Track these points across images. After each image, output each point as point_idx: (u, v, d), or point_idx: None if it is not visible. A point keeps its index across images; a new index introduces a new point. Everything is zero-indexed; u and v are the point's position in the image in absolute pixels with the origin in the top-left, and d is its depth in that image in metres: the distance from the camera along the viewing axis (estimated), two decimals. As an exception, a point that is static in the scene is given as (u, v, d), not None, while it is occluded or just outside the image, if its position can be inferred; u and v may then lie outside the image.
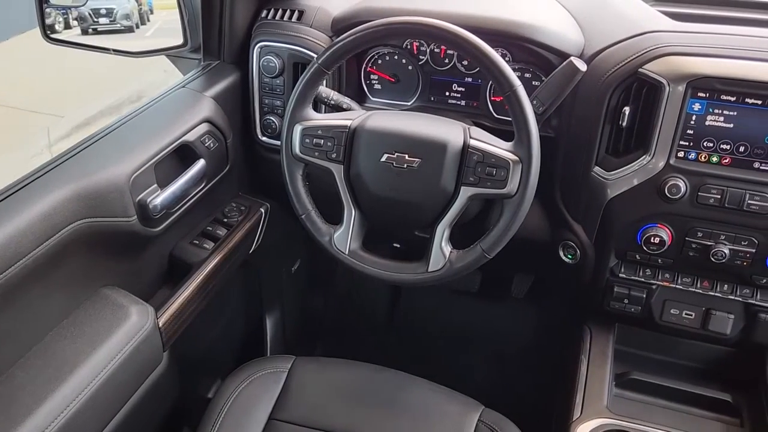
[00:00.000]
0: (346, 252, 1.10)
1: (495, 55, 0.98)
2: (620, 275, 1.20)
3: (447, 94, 1.31)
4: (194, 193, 1.21)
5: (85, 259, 1.03)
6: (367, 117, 1.08)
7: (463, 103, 1.31)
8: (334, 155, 1.07)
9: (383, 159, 1.04)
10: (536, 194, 1.27)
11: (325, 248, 1.11)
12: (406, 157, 1.04)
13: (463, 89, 1.30)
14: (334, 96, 1.19)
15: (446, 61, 1.28)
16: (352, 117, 1.09)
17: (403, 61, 1.31)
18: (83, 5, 1.32)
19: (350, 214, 1.09)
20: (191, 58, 1.40)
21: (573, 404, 1.12)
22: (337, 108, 1.20)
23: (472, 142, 1.02)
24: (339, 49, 1.04)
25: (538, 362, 1.70)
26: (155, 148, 1.10)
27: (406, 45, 1.30)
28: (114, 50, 1.36)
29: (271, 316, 1.64)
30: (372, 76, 1.34)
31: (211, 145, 1.23)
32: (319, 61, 1.05)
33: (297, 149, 1.08)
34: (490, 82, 1.24)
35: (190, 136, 1.18)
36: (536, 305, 1.83)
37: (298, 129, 1.08)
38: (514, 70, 1.22)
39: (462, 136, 1.03)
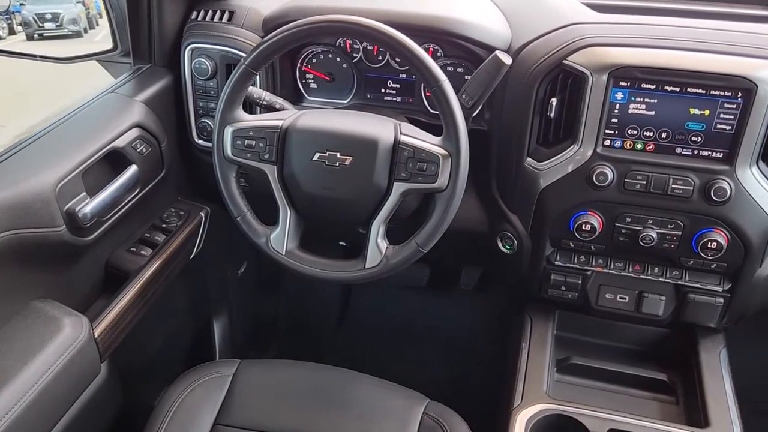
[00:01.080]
0: (283, 252, 1.10)
1: (420, 51, 0.99)
2: (556, 263, 1.22)
3: (383, 90, 1.32)
4: (128, 199, 1.19)
5: (13, 272, 1.01)
6: (298, 116, 1.08)
7: (398, 99, 1.32)
8: (266, 156, 1.07)
9: (315, 158, 1.04)
10: (473, 186, 1.30)
11: (262, 250, 1.11)
12: (338, 155, 1.04)
13: (398, 86, 1.31)
14: (267, 96, 1.19)
15: (380, 58, 1.29)
16: (284, 117, 1.09)
17: (338, 59, 1.31)
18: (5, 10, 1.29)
19: (286, 215, 1.09)
20: (123, 63, 1.37)
21: (514, 392, 1.14)
22: (270, 108, 1.19)
23: (403, 138, 1.03)
24: (265, 50, 1.03)
25: (486, 353, 1.72)
26: (82, 156, 1.08)
27: (339, 43, 1.30)
28: (41, 57, 1.33)
29: (218, 320, 1.63)
30: (307, 76, 1.34)
31: (144, 150, 1.21)
32: (246, 62, 1.04)
33: (229, 151, 1.08)
34: None
35: (120, 142, 1.16)
36: (485, 297, 1.86)
37: (228, 131, 1.07)
38: (447, 65, 1.26)
39: (393, 133, 1.04)
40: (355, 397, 1.18)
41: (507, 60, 1.05)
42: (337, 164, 1.04)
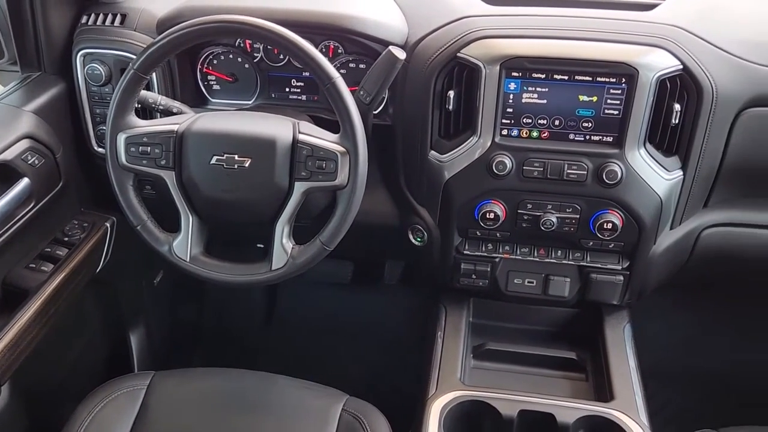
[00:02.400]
0: (187, 259, 1.07)
1: (311, 49, 0.99)
2: (465, 252, 1.25)
3: (287, 90, 1.31)
4: (22, 214, 1.14)
5: None
6: (194, 120, 1.06)
7: (303, 97, 1.31)
8: (163, 162, 1.04)
9: (213, 161, 1.03)
10: (383, 181, 1.31)
11: (165, 257, 1.08)
12: (236, 157, 1.02)
13: (302, 84, 1.30)
14: (163, 101, 1.16)
15: (281, 57, 1.28)
16: (180, 121, 1.06)
17: (239, 59, 1.29)
18: None
19: (187, 220, 1.07)
20: (12, 71, 1.31)
21: (429, 382, 1.16)
22: (168, 112, 1.16)
23: (301, 137, 1.03)
24: (153, 53, 1.01)
25: (410, 345, 1.74)
26: None
27: (239, 43, 1.28)
28: None
29: (135, 332, 1.58)
30: (209, 77, 1.31)
31: (36, 162, 1.16)
32: (135, 66, 1.01)
33: (123, 159, 1.04)
34: None
35: (9, 155, 1.10)
36: (409, 290, 1.88)
37: (121, 138, 1.04)
38: (349, 61, 1.26)
39: (291, 132, 1.03)
40: (272, 400, 1.17)
41: (401, 55, 1.05)
42: (236, 166, 1.02)
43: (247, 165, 1.02)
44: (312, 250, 1.05)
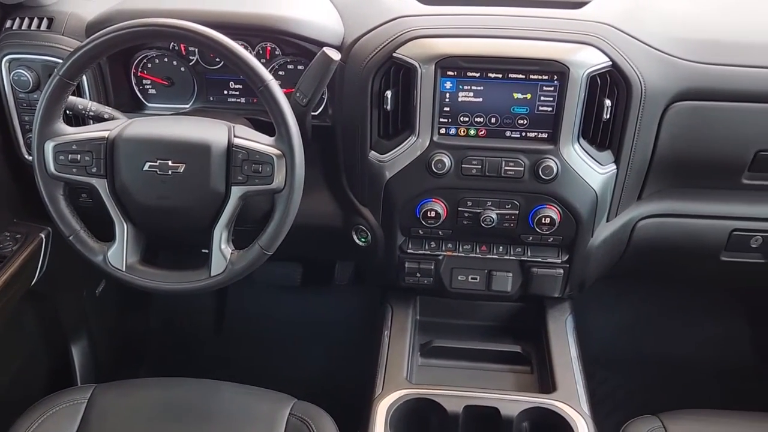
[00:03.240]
0: (123, 268, 1.05)
1: (242, 51, 0.98)
2: (409, 251, 1.25)
3: (225, 92, 1.29)
4: None
5: None
6: (125, 125, 1.03)
7: (243, 100, 1.29)
8: (94, 170, 1.02)
9: (146, 168, 1.00)
10: (325, 182, 1.31)
11: (100, 268, 1.06)
12: (170, 162, 1.00)
13: (240, 86, 1.28)
14: (93, 106, 1.13)
15: (217, 60, 1.26)
16: (111, 127, 1.04)
17: (174, 62, 1.27)
18: None
19: (122, 229, 1.04)
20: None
21: (375, 382, 1.16)
22: (99, 119, 1.13)
23: (236, 141, 1.01)
24: (79, 59, 0.98)
25: (361, 346, 1.75)
26: None
27: (174, 46, 1.26)
28: None
29: (77, 344, 1.54)
30: (144, 81, 1.28)
31: None
32: (60, 72, 0.98)
33: (52, 168, 1.01)
34: None
35: None
36: (361, 290, 1.88)
37: (49, 146, 1.01)
38: (287, 63, 1.25)
39: (226, 136, 1.02)
40: (218, 408, 1.15)
41: (335, 56, 1.05)
42: (170, 172, 1.00)
43: (181, 170, 1.00)
44: (251, 255, 1.04)
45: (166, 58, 1.26)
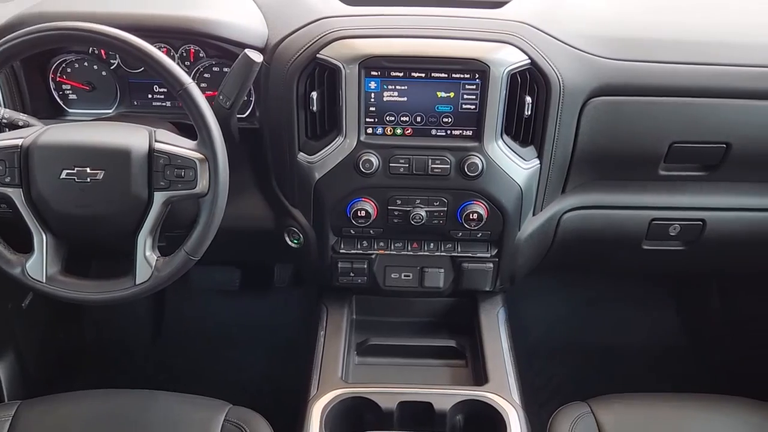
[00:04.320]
0: (43, 280, 1.02)
1: (158, 54, 0.96)
2: (341, 251, 1.26)
3: (150, 96, 1.27)
4: None
5: None
6: (41, 132, 1.00)
7: (168, 104, 1.27)
8: (8, 179, 0.98)
9: (63, 176, 0.98)
10: (256, 185, 1.30)
11: (18, 280, 1.02)
12: (88, 170, 0.98)
13: (165, 90, 1.26)
14: (6, 113, 1.09)
15: (138, 63, 1.23)
16: (25, 134, 1.00)
17: (95, 66, 1.24)
18: None
19: (41, 239, 1.01)
20: None
21: (310, 383, 1.16)
22: (13, 126, 1.09)
23: (157, 146, 0.99)
24: None
25: (301, 347, 1.74)
26: None
27: (93, 50, 1.22)
28: None
29: (3, 360, 1.48)
30: (64, 87, 1.25)
31: None
32: None
33: None
34: None
35: None
36: (300, 291, 1.87)
37: None
38: (211, 65, 1.23)
39: (146, 141, 1.00)
40: (150, 419, 1.13)
41: (257, 58, 1.05)
42: (89, 180, 0.98)
43: (100, 177, 0.98)
44: (177, 262, 1.02)
45: (86, 62, 1.23)
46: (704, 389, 1.32)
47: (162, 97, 1.27)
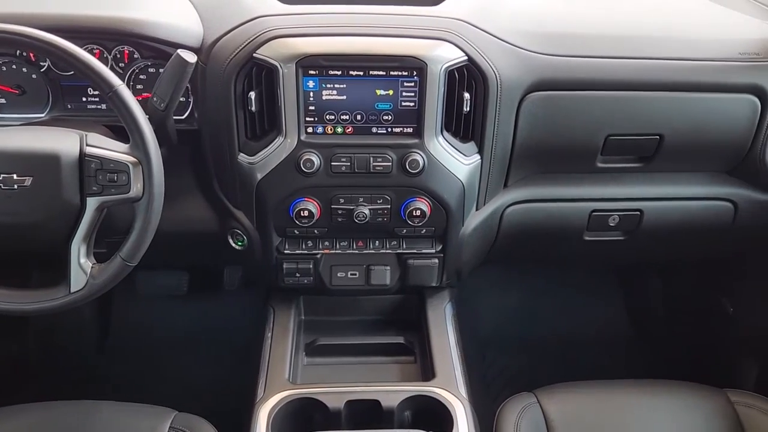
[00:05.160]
0: None
1: (86, 56, 0.94)
2: (286, 252, 1.25)
3: (84, 99, 1.23)
4: None
5: None
6: None
7: (103, 107, 1.24)
8: None
9: None
10: (198, 187, 1.28)
11: None
12: (15, 176, 0.95)
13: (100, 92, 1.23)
14: None
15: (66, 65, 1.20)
16: (-53, 141, 0.97)
17: (24, 69, 1.19)
18: None
19: None
20: None
21: (257, 385, 1.15)
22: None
23: (88, 150, 0.97)
24: None
25: (250, 351, 1.73)
26: None
27: (21, 52, 1.18)
28: None
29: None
30: None
31: None
32: None
33: None
34: None
35: None
36: (251, 293, 1.85)
37: None
38: (147, 66, 1.20)
39: (77, 145, 0.97)
40: (95, 429, 1.10)
41: (190, 58, 1.03)
42: (16, 187, 0.95)
43: (28, 184, 0.95)
44: (113, 268, 1.00)
45: (14, 64, 1.19)
46: (652, 375, 1.36)
47: (97, 100, 1.23)
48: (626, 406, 1.23)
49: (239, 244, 1.26)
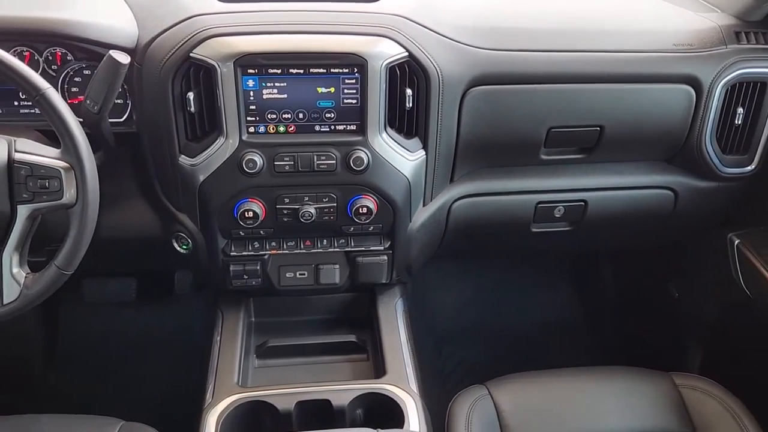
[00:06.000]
0: None
1: (10, 59, 0.90)
2: (232, 254, 1.23)
3: (16, 103, 1.19)
4: None
5: None
6: None
7: (37, 110, 1.19)
8: None
9: None
10: (139, 191, 1.25)
11: None
12: None
13: None
14: None
15: None
16: None
17: None
18: None
19: None
20: None
21: (206, 390, 1.13)
22: None
23: (18, 156, 0.94)
24: None
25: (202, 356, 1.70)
26: None
27: None
28: None
29: None
30: None
31: None
32: None
33: None
34: None
35: None
36: (202, 297, 1.82)
37: None
38: (81, 69, 1.17)
39: (5, 151, 0.94)
40: None
41: (123, 59, 1.00)
42: None
43: None
44: (48, 277, 0.97)
45: None
46: (605, 362, 1.39)
47: (30, 104, 1.19)
48: (575, 393, 1.26)
49: (184, 247, 1.24)
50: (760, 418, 1.23)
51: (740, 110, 1.29)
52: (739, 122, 1.30)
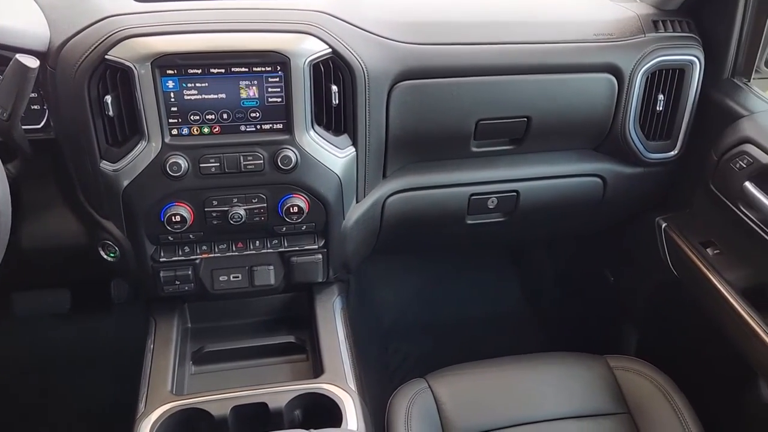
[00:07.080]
0: None
1: None
2: (162, 260, 1.20)
3: None
4: None
5: None
6: None
7: None
8: None
9: None
10: (61, 198, 1.21)
11: None
12: None
13: None
14: None
15: None
16: None
17: None
18: None
19: None
20: None
21: (139, 400, 1.10)
22: None
23: None
24: None
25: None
26: None
27: None
28: None
29: None
30: None
31: None
32: None
33: None
34: None
35: None
36: (141, 305, 1.78)
37: None
38: (-11, 72, 1.12)
39: None
40: None
41: (31, 63, 0.96)
42: None
43: None
44: None
45: None
46: (547, 348, 1.41)
47: None
48: (513, 381, 1.28)
49: (111, 255, 1.20)
50: (690, 395, 1.27)
51: (661, 97, 1.32)
52: (661, 108, 1.34)
